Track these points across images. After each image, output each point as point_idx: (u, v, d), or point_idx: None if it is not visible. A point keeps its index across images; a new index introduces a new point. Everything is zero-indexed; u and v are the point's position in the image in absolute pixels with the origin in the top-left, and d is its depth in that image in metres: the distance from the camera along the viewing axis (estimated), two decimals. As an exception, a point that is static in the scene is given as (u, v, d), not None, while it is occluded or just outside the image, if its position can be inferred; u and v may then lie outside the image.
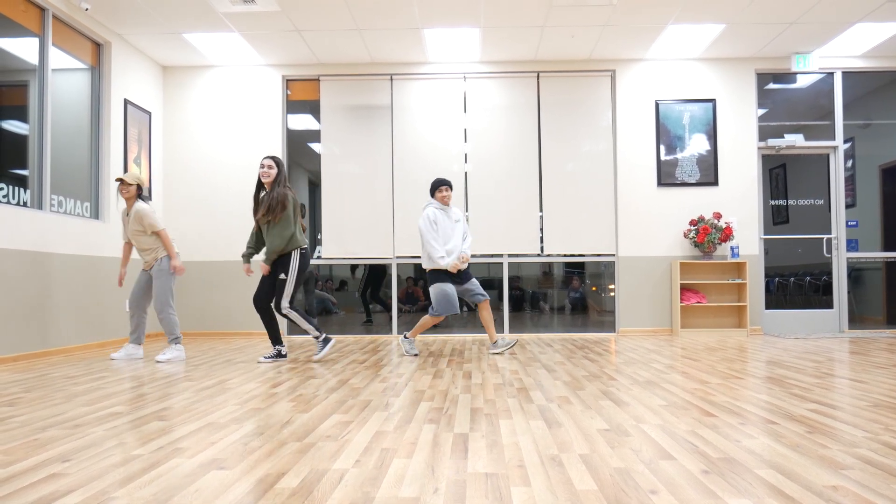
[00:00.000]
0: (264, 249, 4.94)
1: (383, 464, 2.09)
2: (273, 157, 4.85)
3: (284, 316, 4.81)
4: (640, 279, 7.23)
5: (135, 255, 6.47)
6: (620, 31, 6.49)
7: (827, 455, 2.16)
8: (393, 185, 7.32)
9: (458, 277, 5.20)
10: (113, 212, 6.36)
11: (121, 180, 4.98)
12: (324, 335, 4.92)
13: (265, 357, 4.92)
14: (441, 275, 5.12)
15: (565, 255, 7.38)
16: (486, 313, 5.31)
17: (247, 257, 5.03)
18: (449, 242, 5.18)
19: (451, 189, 5.31)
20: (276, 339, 4.99)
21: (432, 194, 5.30)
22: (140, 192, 5.07)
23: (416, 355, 5.20)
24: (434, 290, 5.11)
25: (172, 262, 5.03)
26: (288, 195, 4.78)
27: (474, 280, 5.27)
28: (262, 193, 4.90)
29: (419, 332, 5.25)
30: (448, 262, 5.08)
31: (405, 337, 5.35)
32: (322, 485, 1.88)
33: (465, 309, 8.47)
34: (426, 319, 5.14)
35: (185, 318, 7.24)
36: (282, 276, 4.81)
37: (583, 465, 2.05)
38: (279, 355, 4.96)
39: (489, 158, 7.34)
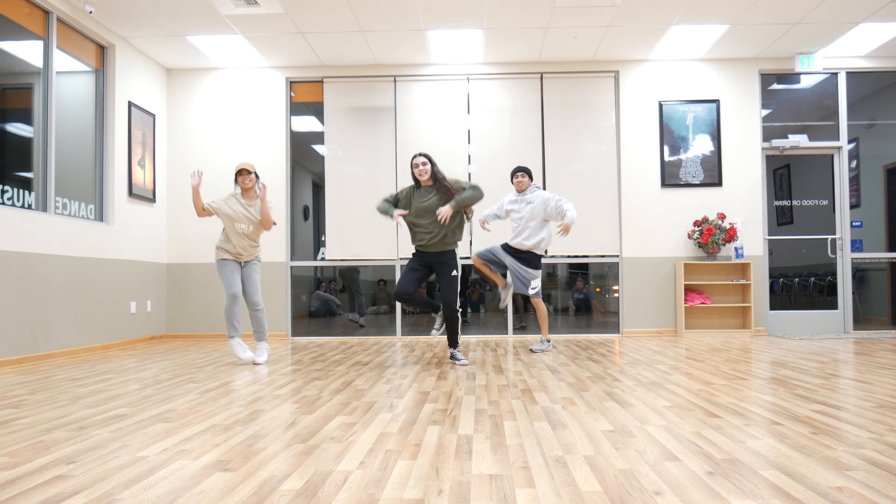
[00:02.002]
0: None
1: (387, 465, 2.10)
2: (424, 154, 4.77)
3: (454, 314, 4.71)
4: (645, 280, 7.22)
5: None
6: (624, 32, 6.48)
7: (832, 456, 2.15)
8: (396, 186, 7.31)
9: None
10: (117, 213, 6.38)
11: (242, 170, 4.90)
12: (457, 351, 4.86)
13: (436, 328, 4.88)
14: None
15: (569, 256, 7.37)
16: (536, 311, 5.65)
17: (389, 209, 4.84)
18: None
19: (528, 176, 5.54)
20: (434, 306, 4.93)
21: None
22: (258, 180, 5.07)
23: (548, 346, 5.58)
24: (540, 275, 5.48)
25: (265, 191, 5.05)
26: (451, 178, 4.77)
27: None
28: (416, 189, 4.78)
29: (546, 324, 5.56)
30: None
31: (540, 342, 5.57)
32: (326, 486, 1.89)
33: (468, 311, 8.47)
34: (543, 308, 5.46)
35: (190, 320, 7.26)
36: (453, 272, 4.74)
37: (587, 467, 2.05)
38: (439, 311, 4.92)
39: (493, 160, 7.34)
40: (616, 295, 7.40)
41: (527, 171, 5.52)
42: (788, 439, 2.39)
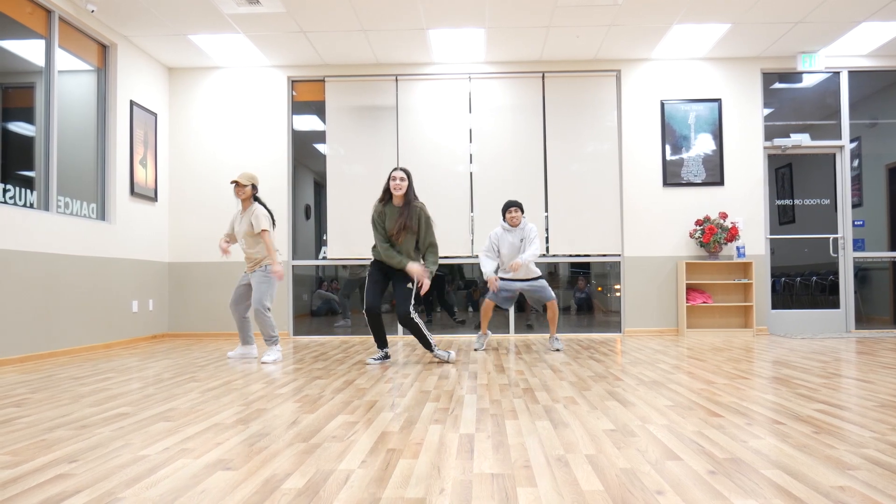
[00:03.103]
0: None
1: (389, 464, 2.10)
2: (404, 169, 4.77)
3: (410, 322, 4.74)
4: (646, 279, 7.21)
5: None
6: (626, 31, 6.48)
7: (834, 455, 2.15)
8: (398, 185, 7.32)
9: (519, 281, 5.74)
10: (119, 212, 6.38)
11: (235, 182, 4.97)
12: (435, 350, 4.91)
13: (374, 359, 4.84)
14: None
15: (571, 256, 7.37)
16: (550, 312, 5.78)
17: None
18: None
19: (520, 210, 5.62)
20: (384, 341, 4.89)
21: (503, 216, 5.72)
22: (255, 192, 5.08)
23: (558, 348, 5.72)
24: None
25: (273, 266, 4.97)
26: (425, 211, 4.81)
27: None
28: (386, 205, 4.82)
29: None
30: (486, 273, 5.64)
31: (555, 338, 5.76)
32: (328, 485, 1.89)
33: (464, 310, 8.46)
34: (557, 307, 5.69)
35: (192, 319, 7.27)
36: (409, 284, 4.75)
37: (589, 466, 2.05)
38: (386, 357, 4.89)
39: (494, 159, 7.34)
40: (618, 294, 7.39)
41: (520, 206, 5.64)
42: (790, 439, 2.39)
